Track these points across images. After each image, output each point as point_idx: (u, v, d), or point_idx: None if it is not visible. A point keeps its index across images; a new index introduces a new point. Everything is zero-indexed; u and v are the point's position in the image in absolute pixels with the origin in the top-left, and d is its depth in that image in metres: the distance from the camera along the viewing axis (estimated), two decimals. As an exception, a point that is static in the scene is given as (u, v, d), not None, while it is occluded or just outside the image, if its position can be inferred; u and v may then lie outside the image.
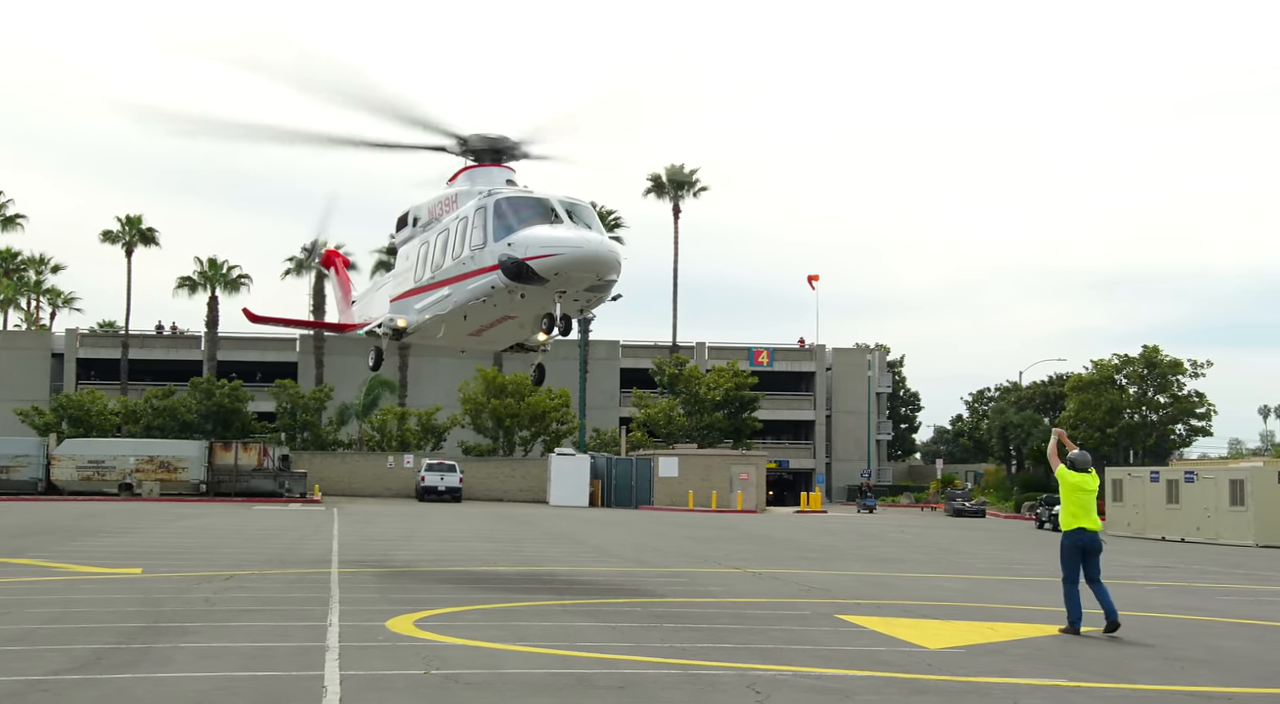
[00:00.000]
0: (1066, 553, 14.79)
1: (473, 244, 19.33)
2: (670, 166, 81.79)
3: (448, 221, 20.71)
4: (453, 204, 21.09)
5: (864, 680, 10.39)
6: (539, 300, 18.50)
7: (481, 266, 19.03)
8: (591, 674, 10.30)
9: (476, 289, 19.28)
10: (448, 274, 20.21)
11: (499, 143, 21.17)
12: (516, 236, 18.24)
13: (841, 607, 16.83)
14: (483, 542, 31.78)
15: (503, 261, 18.33)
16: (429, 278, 20.94)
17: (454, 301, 20.02)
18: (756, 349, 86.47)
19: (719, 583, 20.58)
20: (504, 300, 19.05)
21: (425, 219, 22.17)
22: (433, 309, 20.77)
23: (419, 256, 21.59)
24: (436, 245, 20.88)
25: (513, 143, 21.14)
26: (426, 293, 21.00)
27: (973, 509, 62.41)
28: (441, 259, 20.52)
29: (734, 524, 46.04)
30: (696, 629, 13.87)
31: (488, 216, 19.05)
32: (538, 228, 18.17)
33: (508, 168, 21.26)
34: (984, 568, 26.74)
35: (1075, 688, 10.44)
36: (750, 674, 10.50)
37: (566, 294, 18.05)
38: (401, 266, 22.76)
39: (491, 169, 21.18)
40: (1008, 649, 12.82)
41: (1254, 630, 15.42)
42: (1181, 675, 11.36)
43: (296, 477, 60.93)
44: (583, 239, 17.86)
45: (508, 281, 18.41)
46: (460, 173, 21.66)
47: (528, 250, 17.95)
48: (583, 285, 17.97)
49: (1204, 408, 63.21)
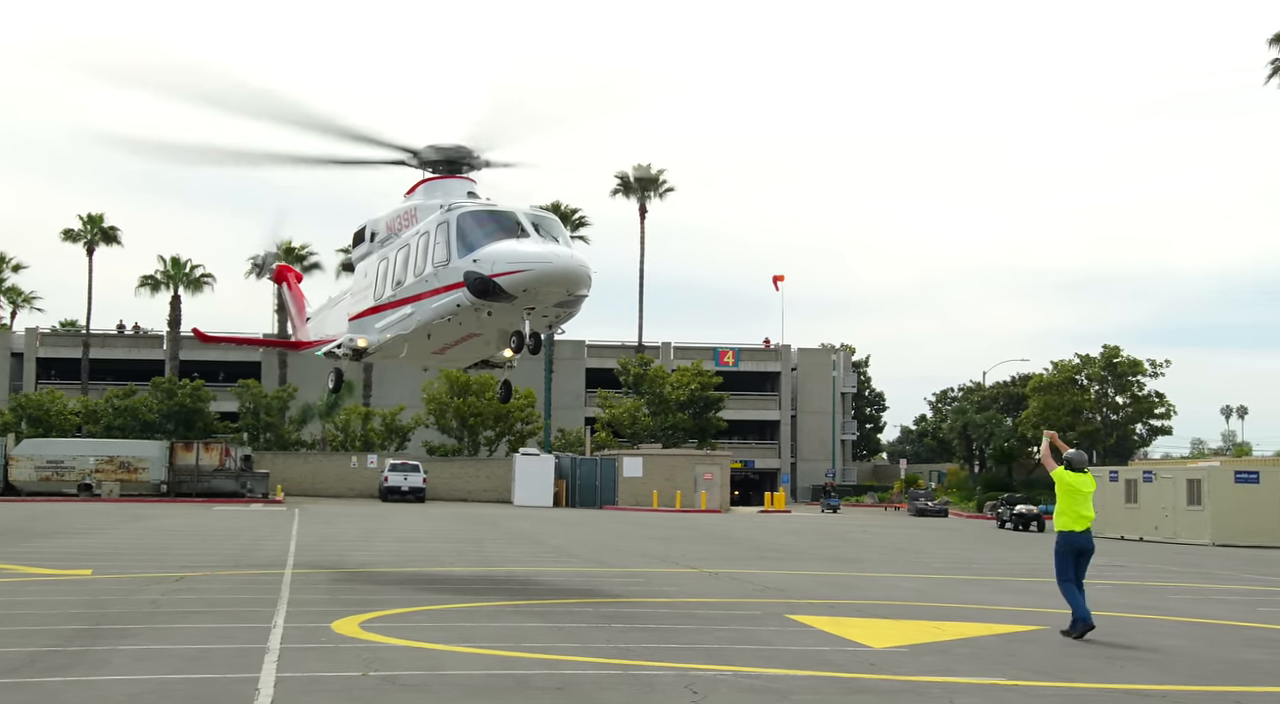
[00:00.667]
0: (1060, 554, 14.57)
1: (436, 260, 18.71)
2: (637, 166, 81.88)
3: (408, 237, 20.02)
4: (412, 218, 20.37)
5: (804, 680, 10.41)
6: (506, 318, 18.00)
7: (445, 284, 18.44)
8: (531, 675, 10.28)
9: (441, 307, 18.69)
10: (410, 292, 19.55)
11: (456, 153, 20.51)
12: (482, 252, 17.69)
13: (793, 606, 16.86)
14: (442, 542, 31.68)
15: (468, 278, 17.80)
16: (390, 295, 20.26)
17: (417, 320, 19.38)
18: (722, 349, 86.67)
19: (674, 583, 20.58)
20: (470, 318, 18.50)
21: (384, 234, 21.31)
22: (395, 328, 20.11)
23: (379, 273, 20.86)
24: (397, 261, 20.18)
25: (471, 152, 20.49)
26: (388, 311, 20.34)
27: (935, 509, 62.75)
28: (403, 276, 19.86)
29: (696, 524, 46.09)
30: (644, 629, 13.87)
31: (451, 231, 18.45)
32: (504, 243, 17.64)
33: (468, 179, 20.61)
34: (940, 567, 26.88)
35: (1013, 686, 10.50)
36: (691, 674, 10.50)
37: (535, 311, 17.57)
38: (360, 283, 21.93)
39: (451, 180, 20.48)
40: (952, 648, 12.88)
41: (1200, 629, 15.55)
42: (1121, 674, 11.44)
43: (259, 477, 60.57)
44: (552, 254, 17.35)
45: (474, 299, 17.88)
46: (418, 185, 20.99)
47: (494, 266, 17.43)
48: (552, 301, 17.51)
49: (1163, 408, 63.80)
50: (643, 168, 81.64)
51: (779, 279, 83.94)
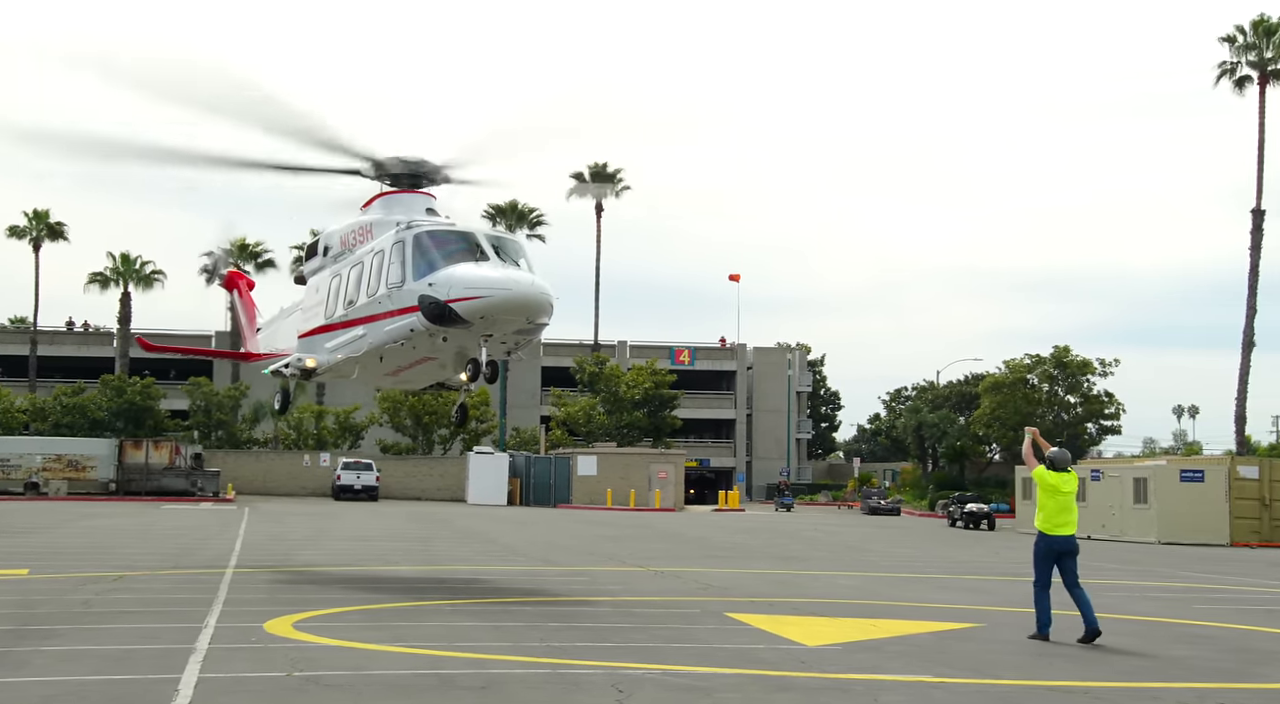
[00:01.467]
0: (1040, 556, 14.03)
1: (390, 281, 17.99)
2: (594, 165, 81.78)
3: (362, 254, 19.29)
4: (367, 234, 19.63)
5: (731, 678, 10.45)
6: (463, 343, 17.41)
7: (400, 307, 17.74)
8: (457, 675, 10.25)
9: (394, 331, 17.99)
10: (362, 312, 18.85)
11: (418, 167, 19.70)
12: (439, 275, 17.03)
13: (734, 605, 16.91)
14: (391, 541, 31.55)
15: (423, 303, 17.12)
16: (341, 315, 19.58)
17: (369, 342, 18.66)
18: (678, 348, 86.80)
19: (619, 582, 20.59)
20: (424, 343, 17.83)
21: (337, 249, 20.55)
22: (346, 349, 19.42)
23: (331, 291, 20.15)
24: (350, 280, 19.46)
25: (433, 167, 19.74)
26: (339, 331, 19.65)
27: (888, 507, 63.14)
28: (355, 295, 19.15)
29: (649, 522, 46.13)
30: (581, 628, 13.86)
31: (406, 252, 17.73)
32: (461, 266, 16.98)
33: (427, 194, 19.87)
34: (886, 566, 27.04)
35: (938, 684, 10.58)
36: (619, 674, 10.51)
37: (493, 337, 16.96)
38: (311, 300, 21.16)
39: (410, 195, 19.72)
40: (885, 646, 12.96)
41: (1131, 625, 15.73)
42: (1048, 671, 11.56)
43: (209, 475, 60.04)
44: (511, 280, 16.72)
45: (428, 324, 17.24)
46: (375, 199, 20.25)
47: (450, 291, 16.76)
48: (511, 329, 16.93)
49: (1113, 407, 64.50)
50: (599, 166, 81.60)
51: (735, 278, 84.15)
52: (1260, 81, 53.78)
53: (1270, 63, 52.97)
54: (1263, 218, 53.99)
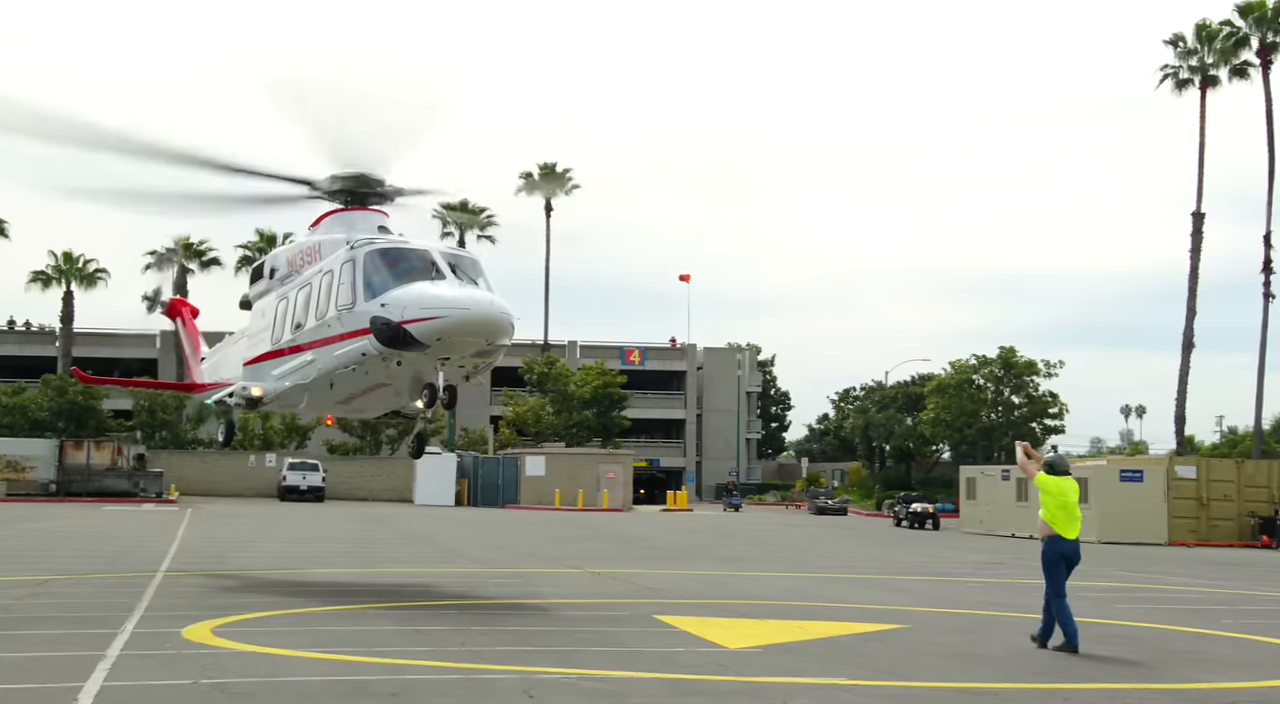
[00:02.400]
0: (1050, 564, 13.39)
1: (340, 303, 17.18)
2: (542, 164, 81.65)
3: (310, 275, 18.46)
4: (315, 254, 18.78)
5: (645, 682, 10.45)
6: (418, 368, 16.55)
7: (350, 330, 16.93)
8: (370, 680, 10.19)
9: (345, 356, 17.12)
10: (311, 337, 17.98)
11: (362, 183, 18.85)
12: (391, 296, 16.24)
13: (664, 607, 16.90)
14: (332, 542, 31.34)
15: (375, 325, 16.32)
16: (289, 340, 18.67)
17: (319, 368, 17.78)
18: (628, 348, 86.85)
19: (554, 584, 20.54)
20: (377, 368, 16.95)
21: (285, 271, 19.66)
22: (294, 376, 18.45)
23: (278, 315, 19.24)
24: (298, 303, 18.60)
25: (380, 182, 18.91)
26: (287, 357, 18.73)
27: (835, 507, 63.50)
28: (303, 318, 18.28)
29: (595, 523, 46.11)
30: (505, 632, 13.83)
31: (357, 271, 16.92)
32: (416, 285, 16.22)
33: (379, 211, 19.04)
34: (826, 566, 27.18)
35: (849, 686, 10.64)
36: (534, 678, 10.48)
37: (450, 361, 16.17)
38: (257, 325, 20.22)
39: (360, 213, 18.85)
40: (807, 648, 13.01)
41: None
42: (963, 673, 11.64)
43: (152, 476, 59.40)
44: (470, 299, 15.98)
45: (381, 348, 16.39)
46: (324, 218, 19.39)
47: (405, 312, 15.98)
48: (469, 351, 16.12)
49: (1057, 407, 65.22)
50: (548, 166, 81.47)
51: (685, 278, 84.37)
52: (1201, 86, 54.58)
53: (1210, 68, 53.80)
54: (1202, 221, 54.76)
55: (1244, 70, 52.91)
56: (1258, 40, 51.91)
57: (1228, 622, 16.68)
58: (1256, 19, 51.49)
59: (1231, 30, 52.46)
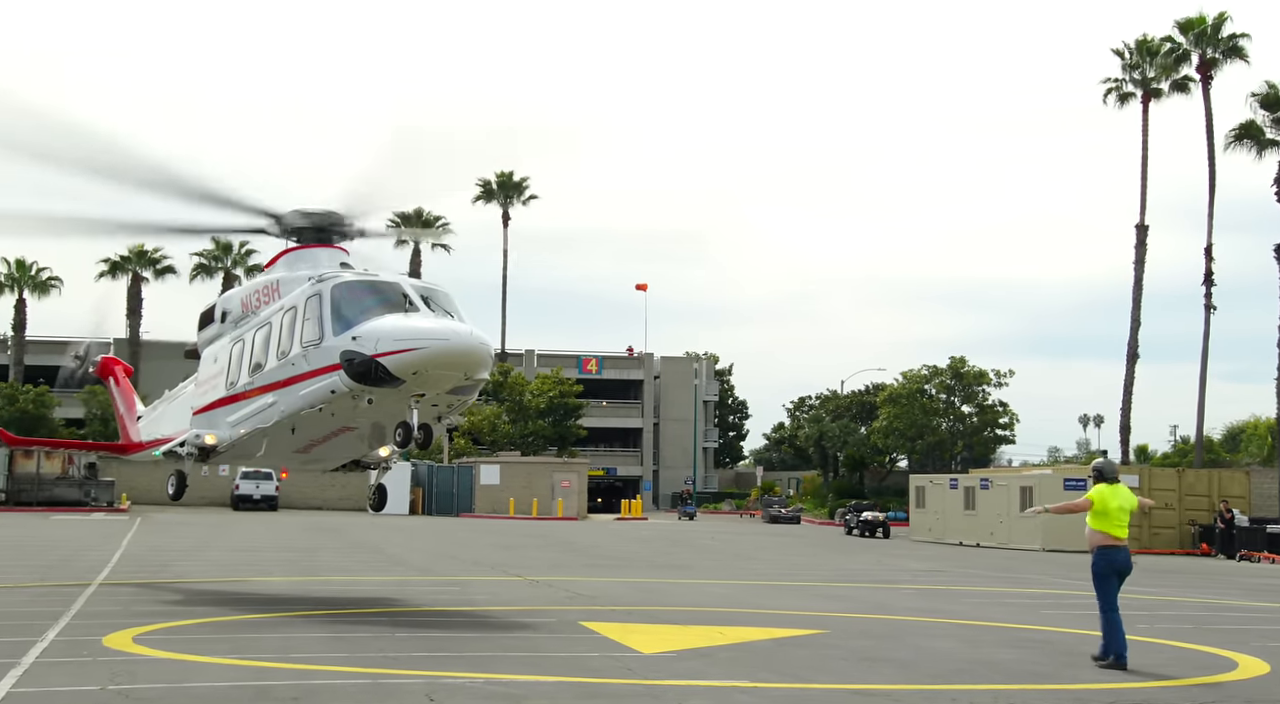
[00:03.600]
0: (1101, 576, 12.96)
1: (305, 339, 16.37)
2: (500, 173, 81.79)
3: (269, 314, 17.69)
4: (273, 292, 18.03)
5: (546, 686, 10.68)
6: (390, 406, 15.80)
7: (318, 367, 16.06)
8: (275, 686, 10.37)
9: (311, 395, 16.23)
10: (272, 377, 17.07)
11: (326, 220, 18.27)
12: (363, 328, 15.53)
13: (593, 614, 17.10)
14: (277, 552, 31.36)
15: (346, 359, 15.52)
16: (246, 383, 17.73)
17: (281, 411, 16.85)
18: (586, 357, 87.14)
19: (490, 591, 20.73)
20: (346, 407, 16.14)
21: (238, 313, 18.85)
22: (253, 422, 17.48)
23: (233, 358, 18.31)
24: (255, 343, 17.73)
25: (343, 219, 18.32)
26: (244, 401, 17.74)
27: (788, 516, 63.92)
28: (263, 358, 17.39)
29: (547, 532, 46.27)
30: (426, 639, 14.02)
31: (324, 305, 16.17)
32: (389, 317, 15.56)
33: (339, 249, 18.40)
34: (767, 573, 27.48)
35: (748, 688, 10.90)
36: (440, 682, 10.68)
37: (425, 397, 15.44)
38: (208, 371, 19.18)
39: (319, 250, 18.21)
40: (719, 653, 13.28)
41: (971, 630, 16.24)
42: (864, 675, 11.94)
43: (103, 485, 59.04)
44: (448, 331, 15.37)
45: (352, 384, 15.58)
46: (280, 257, 18.74)
47: (378, 345, 15.24)
48: (446, 387, 15.43)
49: (1007, 417, 65.98)
50: (505, 175, 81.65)
51: (642, 287, 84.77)
52: (1143, 100, 55.46)
53: (1153, 82, 54.71)
54: (1146, 233, 55.65)
55: (1185, 85, 53.88)
56: (1198, 56, 52.88)
57: (1143, 627, 17.04)
58: (1197, 35, 52.50)
59: (1173, 46, 53.42)
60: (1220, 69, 52.64)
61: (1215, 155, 51.74)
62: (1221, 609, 21.19)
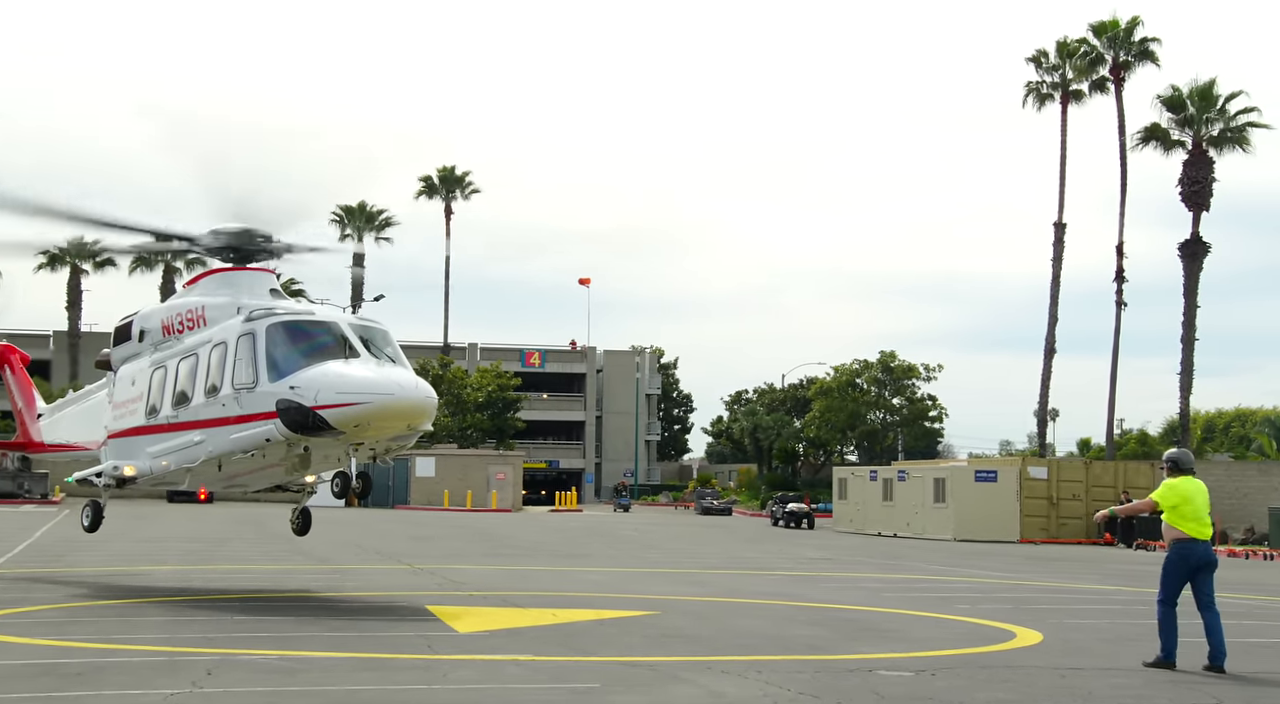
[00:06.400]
0: (1173, 569, 12.17)
1: (238, 381, 15.75)
2: (442, 168, 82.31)
3: (196, 345, 16.91)
4: (198, 320, 17.25)
5: (331, 661, 11.35)
6: (326, 452, 15.70)
7: (251, 412, 15.50)
8: (68, 663, 11.00)
9: (243, 439, 15.71)
10: (199, 415, 16.43)
11: (248, 240, 17.53)
12: (302, 377, 14.99)
13: (448, 598, 17.72)
14: (185, 543, 31.85)
15: (283, 409, 14.97)
16: (169, 416, 17.05)
17: (209, 451, 16.27)
18: (529, 350, 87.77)
19: (367, 579, 21.36)
20: (279, 453, 15.81)
21: (158, 336, 18.00)
22: (177, 457, 16.86)
23: (155, 386, 17.52)
24: (180, 375, 17.00)
25: (267, 238, 17.64)
26: (167, 434, 17.08)
27: (720, 508, 64.89)
28: (189, 393, 16.70)
29: (471, 523, 46.91)
30: (260, 621, 14.65)
31: (258, 346, 15.59)
32: (329, 365, 15.08)
33: (266, 270, 17.78)
34: (657, 562, 28.20)
35: (524, 661, 11.55)
36: (230, 659, 11.30)
37: (363, 445, 15.27)
38: (125, 393, 18.30)
39: (246, 274, 17.50)
40: (532, 632, 13.99)
41: (790, 611, 17.05)
42: (648, 650, 12.65)
43: (37, 478, 59.20)
44: (393, 383, 14.94)
45: (289, 433, 15.11)
46: (203, 277, 18.06)
47: (319, 396, 14.73)
48: (387, 435, 15.21)
49: (936, 410, 67.20)
50: (447, 169, 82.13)
51: (585, 281, 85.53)
52: (1062, 101, 56.62)
53: (1071, 83, 55.90)
54: (1064, 230, 56.89)
55: (1104, 85, 55.11)
56: (1111, 58, 54.06)
57: (964, 607, 17.98)
58: (1110, 38, 53.70)
59: (1088, 49, 54.61)
60: (1133, 72, 53.91)
61: (1127, 156, 53.09)
62: (1056, 591, 22.17)
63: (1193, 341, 49.83)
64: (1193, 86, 49.69)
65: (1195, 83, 49.74)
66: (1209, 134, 49.92)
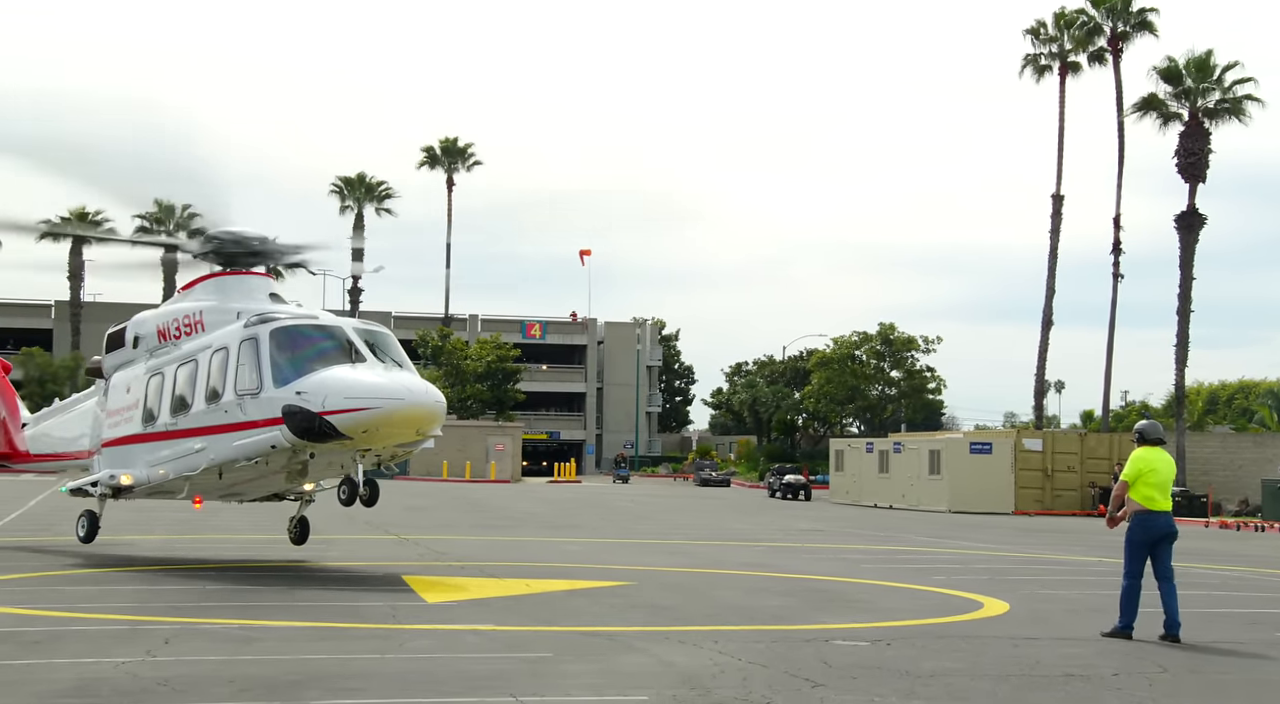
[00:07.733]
0: (1135, 543, 12.21)
1: (241, 387, 15.53)
2: (444, 139, 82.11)
3: (195, 350, 16.65)
4: (197, 325, 17.02)
5: (290, 630, 11.43)
6: (332, 459, 15.44)
7: (255, 418, 15.25)
8: (28, 631, 10.97)
9: (248, 446, 15.44)
10: (200, 422, 16.19)
11: (251, 244, 17.29)
12: (308, 382, 14.78)
13: (426, 569, 17.78)
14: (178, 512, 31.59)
15: (290, 415, 14.73)
16: (168, 424, 16.77)
17: (211, 458, 15.99)
18: (530, 322, 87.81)
19: (350, 549, 21.38)
20: (283, 461, 15.61)
21: (153, 342, 17.74)
22: (175, 465, 16.60)
23: (152, 392, 17.22)
24: (179, 381, 16.72)
25: (277, 246, 17.54)
26: (164, 442, 16.81)
27: (718, 479, 65.10)
28: (190, 400, 16.43)
29: (468, 494, 47.10)
30: (232, 591, 14.73)
31: (262, 352, 15.33)
32: (336, 370, 14.89)
33: (266, 277, 17.64)
34: (646, 533, 28.28)
35: (484, 631, 11.64)
36: (191, 627, 11.37)
37: (370, 451, 15.12)
38: (120, 401, 18.00)
39: (246, 279, 17.34)
40: (500, 602, 14.06)
41: (762, 582, 17.12)
42: (613, 619, 12.71)
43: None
44: (402, 389, 14.78)
45: (295, 440, 14.90)
46: (200, 281, 17.81)
47: (326, 402, 14.52)
48: (395, 442, 15.07)
49: (934, 382, 67.18)
50: (449, 140, 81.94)
51: (585, 253, 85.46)
52: (1060, 72, 56.34)
53: (1070, 54, 55.58)
54: (1061, 202, 56.73)
55: (1102, 56, 54.78)
56: (1109, 29, 53.71)
57: (939, 578, 18.04)
58: (1108, 9, 53.32)
59: (1086, 19, 54.24)
60: (1131, 42, 53.59)
61: (1125, 128, 52.83)
62: (1035, 562, 22.24)
63: (1188, 313, 49.73)
64: (1189, 58, 49.38)
65: (1192, 54, 49.46)
66: (1205, 106, 49.66)
